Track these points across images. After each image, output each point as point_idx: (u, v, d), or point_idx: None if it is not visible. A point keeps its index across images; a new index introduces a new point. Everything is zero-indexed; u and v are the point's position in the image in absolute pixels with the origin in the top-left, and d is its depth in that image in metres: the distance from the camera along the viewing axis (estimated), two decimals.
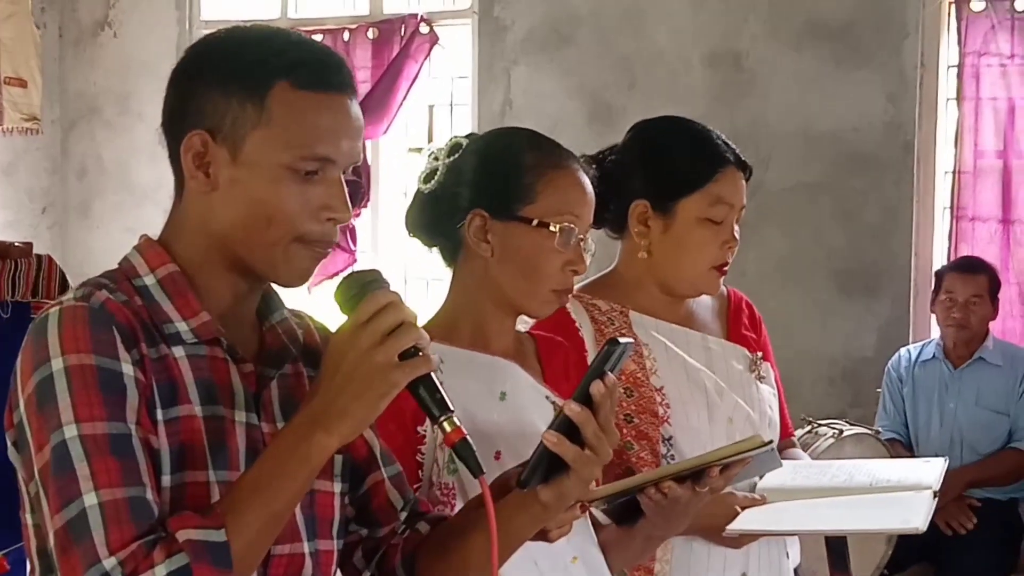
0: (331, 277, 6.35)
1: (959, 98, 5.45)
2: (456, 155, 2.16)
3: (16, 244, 4.32)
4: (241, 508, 1.51)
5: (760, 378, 2.64)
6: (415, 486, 1.98)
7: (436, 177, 2.17)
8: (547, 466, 1.70)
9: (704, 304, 2.67)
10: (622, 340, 1.71)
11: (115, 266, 1.68)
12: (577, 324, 2.52)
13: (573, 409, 1.67)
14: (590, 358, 2.47)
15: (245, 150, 1.60)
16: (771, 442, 2.22)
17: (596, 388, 1.67)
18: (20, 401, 1.54)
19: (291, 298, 1.79)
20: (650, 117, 2.65)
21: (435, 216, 2.18)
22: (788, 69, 5.66)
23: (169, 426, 1.57)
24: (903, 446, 5.11)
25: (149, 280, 1.63)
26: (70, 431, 1.48)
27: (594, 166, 2.58)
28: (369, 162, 6.42)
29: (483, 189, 2.12)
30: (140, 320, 1.58)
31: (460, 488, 2.04)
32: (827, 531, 2.41)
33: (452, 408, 1.59)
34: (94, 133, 7.05)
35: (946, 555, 4.89)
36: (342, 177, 1.64)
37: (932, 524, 4.88)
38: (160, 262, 1.64)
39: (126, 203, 6.92)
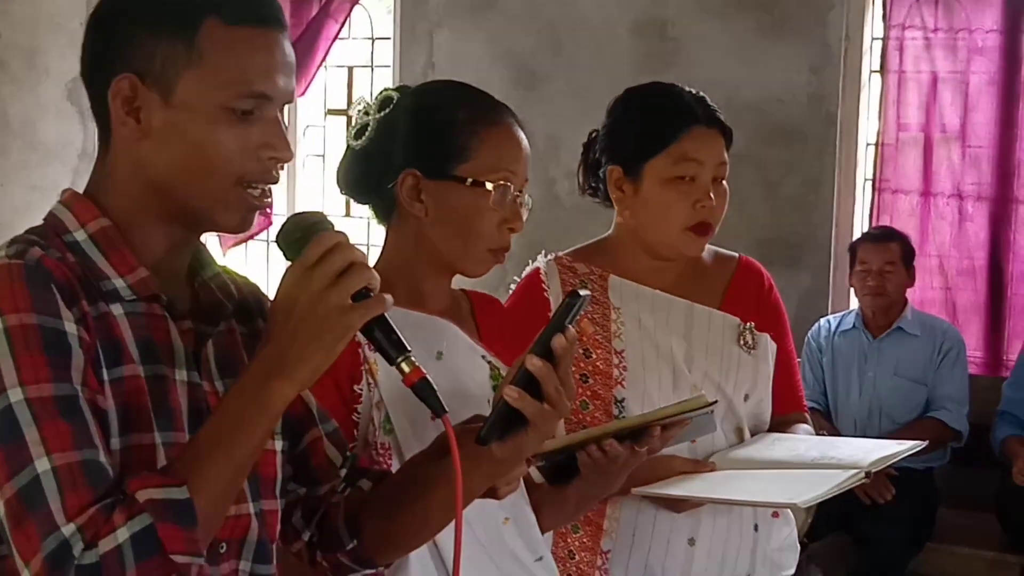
0: (246, 240, 6.24)
1: (883, 71, 5.50)
2: (387, 110, 2.09)
3: None
4: (202, 464, 1.45)
5: (748, 349, 2.60)
6: (351, 445, 1.91)
7: (367, 133, 2.10)
8: (505, 422, 1.65)
9: (702, 269, 2.65)
10: (582, 292, 1.67)
11: (39, 223, 1.58)
12: (545, 285, 2.55)
13: (535, 363, 1.61)
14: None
15: (177, 92, 1.53)
16: (714, 403, 2.22)
17: (558, 342, 1.62)
18: None
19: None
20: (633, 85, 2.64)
21: (367, 174, 2.11)
22: (713, 39, 5.66)
23: (114, 386, 1.50)
24: (822, 415, 5.15)
25: (80, 235, 1.55)
26: (15, 395, 1.41)
27: (595, 140, 2.59)
28: (287, 124, 6.30)
29: (415, 148, 2.06)
30: (77, 277, 1.50)
31: (396, 448, 2.00)
32: (713, 500, 2.41)
33: (409, 348, 1.53)
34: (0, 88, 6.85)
35: (864, 525, 4.94)
36: (279, 115, 1.57)
37: (850, 494, 4.96)
38: (90, 216, 1.56)
39: (31, 161, 6.73)
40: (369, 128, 2.09)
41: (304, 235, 1.48)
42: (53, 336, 1.43)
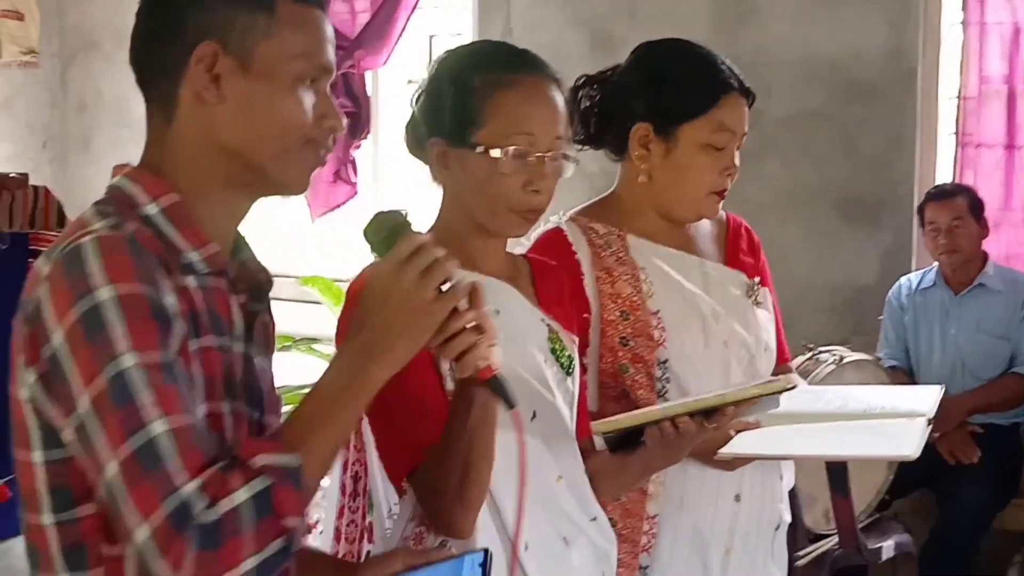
0: (333, 208, 6.34)
1: (964, 23, 5.39)
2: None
3: (13, 175, 4.32)
4: (307, 437, 1.55)
5: (757, 303, 2.63)
6: (446, 394, 2.01)
7: (416, 97, 2.17)
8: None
9: (703, 229, 2.66)
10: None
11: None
12: (574, 248, 2.53)
13: None
14: (586, 282, 2.48)
15: (255, 61, 1.60)
16: (794, 387, 2.25)
17: None
18: (54, 333, 1.47)
19: (296, 227, 1.78)
20: (653, 40, 2.62)
21: (414, 140, 2.18)
22: None
23: (196, 356, 1.55)
24: (905, 373, 5.11)
25: (152, 209, 1.60)
26: (129, 359, 1.44)
27: (596, 86, 2.57)
28: (369, 93, 6.38)
29: (438, 116, 2.11)
30: (157, 251, 1.55)
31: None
32: (821, 456, 2.43)
33: None
34: (92, 67, 7.01)
35: (947, 481, 4.90)
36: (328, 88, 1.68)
37: (933, 451, 4.93)
38: (161, 190, 1.61)
39: (123, 137, 6.88)
40: (418, 92, 2.17)
41: (390, 235, 1.63)
42: (158, 306, 1.49)
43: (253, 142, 1.61)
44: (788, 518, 2.71)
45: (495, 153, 2.05)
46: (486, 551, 1.72)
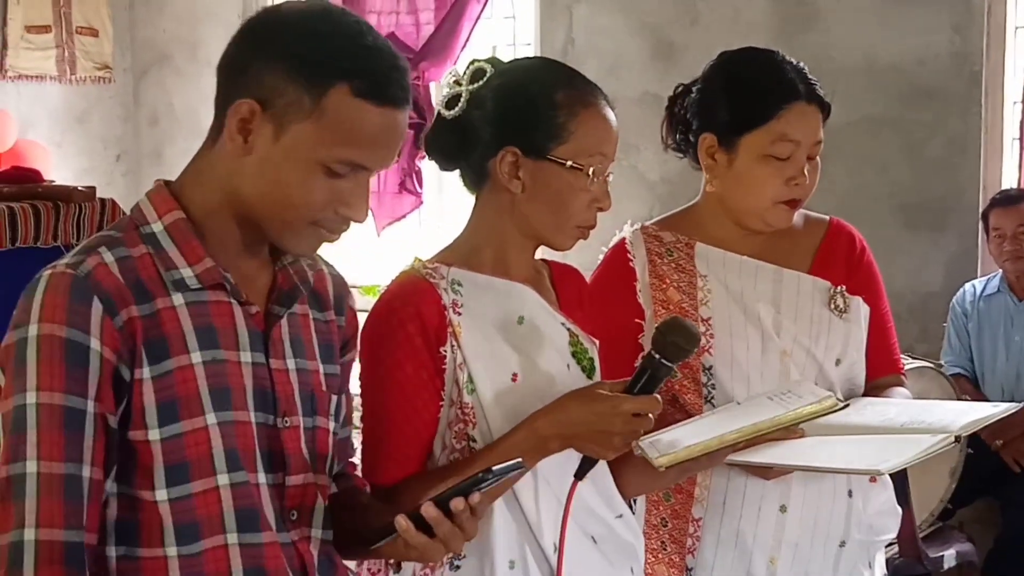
0: (399, 219, 6.40)
1: None
2: (480, 82, 2.16)
3: (80, 188, 4.40)
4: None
5: (840, 313, 2.59)
6: (438, 404, 2.08)
7: (459, 104, 2.16)
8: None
9: (792, 235, 2.62)
10: (496, 468, 1.76)
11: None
12: (631, 255, 2.56)
13: (429, 513, 1.72)
14: (638, 287, 2.52)
15: (288, 134, 1.66)
16: (846, 405, 2.27)
17: (455, 503, 1.72)
18: (4, 343, 1.66)
19: (358, 237, 1.85)
20: (731, 49, 2.62)
21: (457, 143, 2.18)
22: (852, 1, 5.58)
23: (157, 381, 1.66)
24: (968, 381, 5.07)
25: (157, 227, 1.71)
26: (31, 397, 1.61)
27: (686, 96, 2.59)
28: (434, 104, 6.42)
29: (514, 126, 2.13)
30: (136, 277, 1.66)
31: (479, 407, 2.09)
32: (797, 467, 2.40)
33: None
34: (164, 81, 7.13)
35: (1011, 489, 4.85)
36: (370, 180, 1.73)
37: (998, 459, 4.86)
38: (167, 209, 1.73)
39: (195, 148, 6.94)
40: (461, 99, 2.16)
41: (682, 350, 2.02)
42: (76, 349, 1.62)
43: (259, 201, 1.70)
44: (877, 538, 2.64)
45: (585, 169, 2.11)
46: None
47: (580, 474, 2.06)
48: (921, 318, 5.50)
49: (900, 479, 4.19)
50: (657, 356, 2.03)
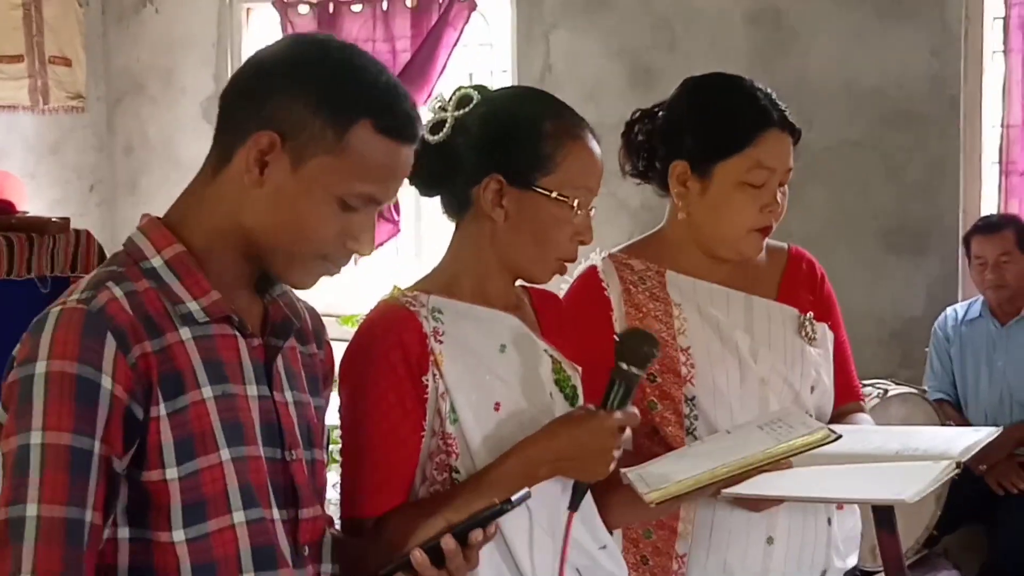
0: (376, 247, 6.35)
1: (1006, 50, 5.34)
2: (466, 108, 2.13)
3: (54, 219, 4.35)
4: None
5: (809, 339, 2.57)
6: (420, 435, 2.05)
7: (444, 129, 2.13)
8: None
9: (757, 262, 2.60)
10: (515, 498, 1.76)
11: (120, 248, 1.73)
12: (604, 284, 2.51)
13: (448, 545, 1.72)
14: (615, 316, 2.48)
15: (308, 167, 1.66)
16: (839, 437, 2.24)
17: (475, 535, 1.73)
18: (7, 380, 1.60)
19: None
20: (699, 74, 2.58)
21: (440, 169, 2.14)
22: (830, 25, 5.58)
23: (174, 418, 1.63)
24: (951, 406, 5.05)
25: (157, 262, 1.68)
26: (36, 437, 1.55)
27: (647, 121, 2.55)
28: None
29: (500, 154, 2.10)
30: (145, 312, 1.63)
31: (461, 438, 2.06)
32: (812, 498, 2.37)
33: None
34: (139, 109, 7.08)
35: (997, 514, 4.83)
36: (375, 214, 1.73)
37: (982, 484, 4.85)
38: (166, 243, 1.69)
39: (172, 178, 6.94)
40: (446, 125, 2.13)
41: (647, 354, 2.05)
42: (87, 387, 1.57)
43: (269, 234, 1.69)
44: (843, 564, 2.62)
45: (570, 201, 2.09)
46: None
47: (574, 505, 2.05)
48: (903, 343, 5.49)
49: (886, 506, 4.15)
50: (626, 367, 2.04)
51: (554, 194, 2.08)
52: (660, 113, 2.54)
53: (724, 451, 2.26)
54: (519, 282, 2.25)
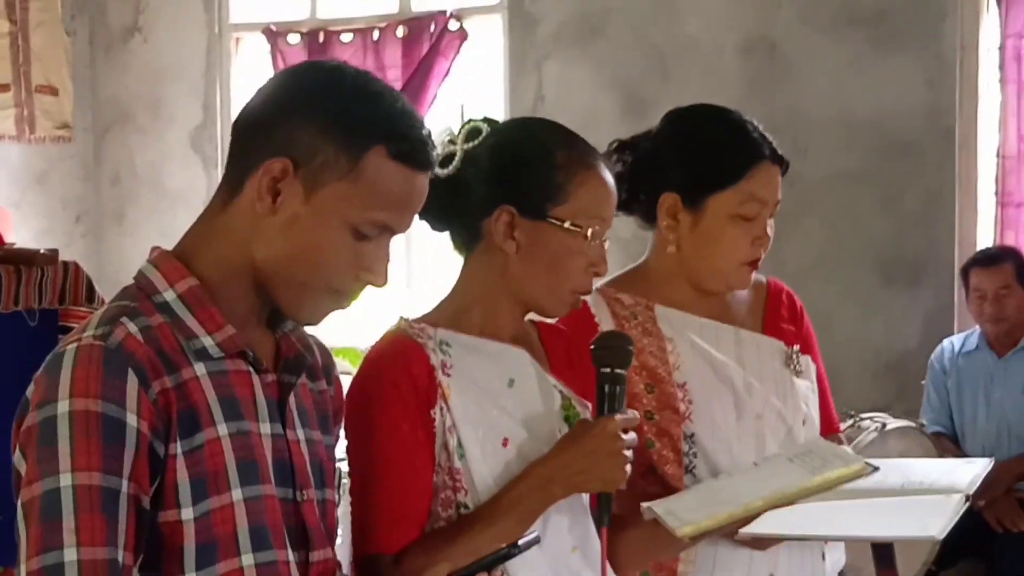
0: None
1: (1002, 80, 5.33)
2: (475, 141, 2.11)
3: (42, 251, 4.28)
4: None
5: (797, 373, 2.54)
6: (432, 467, 2.02)
7: (453, 162, 2.10)
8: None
9: (740, 296, 2.58)
10: (521, 542, 1.77)
11: (130, 282, 1.68)
12: (596, 319, 2.46)
13: None
14: None
15: (321, 194, 1.63)
16: (876, 469, 2.23)
17: None
18: (24, 425, 1.55)
19: None
20: (685, 106, 2.55)
21: (450, 203, 2.11)
22: (824, 56, 5.56)
23: (190, 457, 1.59)
24: (949, 439, 5.00)
25: (169, 296, 1.64)
26: (65, 479, 1.49)
27: (627, 151, 2.51)
28: None
29: (511, 185, 2.08)
30: (159, 348, 1.59)
31: (467, 474, 2.03)
32: (843, 537, 2.34)
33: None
34: (126, 139, 7.03)
35: (996, 549, 4.78)
36: (389, 244, 1.69)
37: (980, 519, 4.81)
38: (179, 276, 1.65)
39: (160, 208, 6.90)
40: (456, 157, 2.11)
41: (625, 351, 2.04)
42: (113, 425, 1.52)
43: (281, 264, 1.65)
44: None
45: (584, 230, 2.06)
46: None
47: (604, 519, 2.02)
48: (899, 375, 5.45)
49: (887, 546, 4.11)
50: (609, 370, 2.03)
51: (567, 224, 2.06)
52: (641, 144, 2.51)
53: (756, 484, 2.23)
54: (528, 316, 2.21)
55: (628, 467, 2.03)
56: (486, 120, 2.15)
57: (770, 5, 5.66)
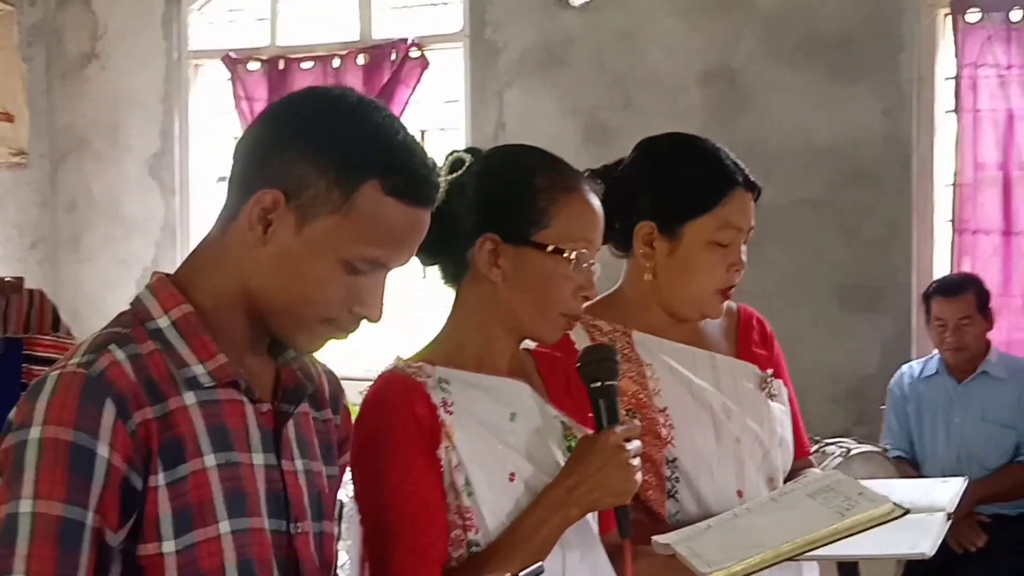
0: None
1: (957, 110, 5.41)
2: (458, 171, 2.10)
3: (8, 279, 4.24)
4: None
5: (771, 396, 2.57)
6: (445, 507, 2.00)
7: (439, 195, 2.10)
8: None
9: (713, 322, 2.60)
10: (523, 573, 1.73)
11: (127, 307, 1.66)
12: (577, 346, 2.46)
13: None
14: None
15: (312, 227, 1.59)
16: (907, 512, 2.22)
17: None
18: (2, 446, 1.54)
19: None
20: (656, 134, 2.57)
21: (437, 235, 2.05)
22: (784, 85, 5.63)
23: (172, 488, 1.55)
24: (909, 464, 5.04)
25: (163, 322, 1.62)
26: (25, 506, 1.48)
27: (598, 181, 2.53)
28: None
29: (494, 212, 2.07)
30: (147, 376, 1.56)
31: (477, 512, 2.01)
32: (835, 556, 2.35)
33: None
34: (83, 166, 6.98)
35: (958, 572, 4.81)
36: (386, 279, 1.66)
37: (943, 542, 4.85)
38: (174, 303, 1.63)
39: (117, 235, 6.85)
40: (440, 189, 2.10)
41: (611, 362, 2.06)
42: (83, 455, 1.50)
43: (273, 295, 1.62)
44: None
45: (569, 254, 2.05)
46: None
47: (626, 531, 2.04)
48: (858, 401, 5.51)
49: (851, 565, 4.15)
50: (600, 384, 2.05)
51: (550, 247, 2.04)
52: (613, 174, 2.52)
53: (781, 523, 2.23)
54: (524, 345, 2.21)
55: (639, 476, 2.03)
56: (469, 151, 2.14)
57: (731, 35, 5.72)
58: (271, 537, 1.63)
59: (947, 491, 2.47)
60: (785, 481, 2.57)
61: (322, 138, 1.60)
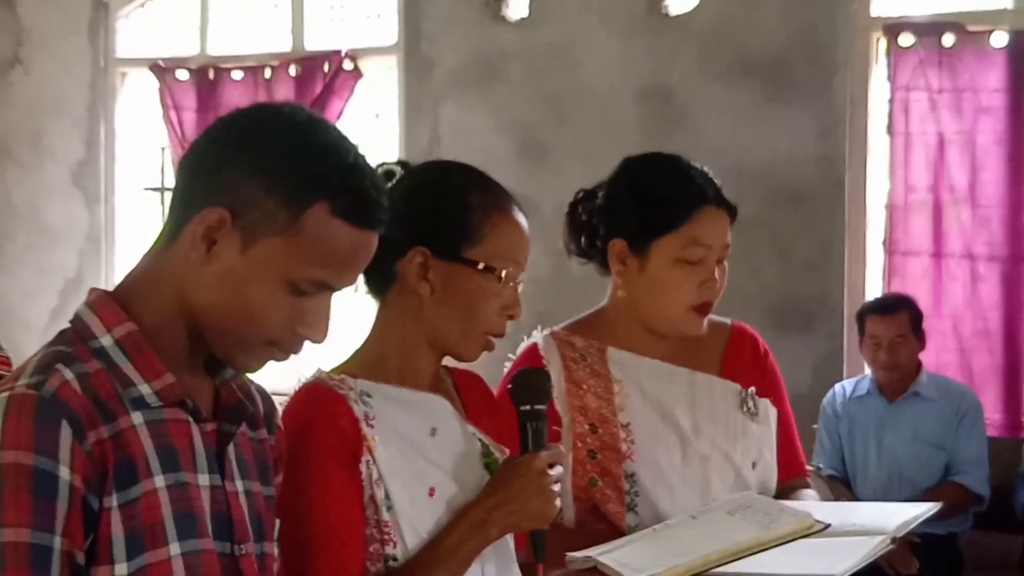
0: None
1: (890, 133, 5.47)
2: (389, 183, 2.06)
3: None
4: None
5: (751, 415, 2.56)
6: (364, 522, 1.98)
7: None
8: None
9: (698, 339, 2.58)
10: None
11: (66, 325, 1.61)
12: (545, 361, 2.50)
13: None
14: (556, 394, 2.43)
15: (257, 248, 1.56)
16: (828, 526, 2.26)
17: None
18: None
19: None
20: (638, 153, 2.60)
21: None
22: (719, 105, 5.65)
23: (125, 510, 1.52)
24: (842, 483, 5.07)
25: (106, 341, 1.57)
26: None
27: (589, 201, 2.55)
28: None
29: (425, 226, 2.06)
30: (96, 396, 1.51)
31: (396, 526, 1.99)
32: (749, 574, 2.35)
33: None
34: (4, 173, 6.85)
35: None
36: (331, 300, 1.63)
37: (873, 565, 4.87)
38: (116, 320, 1.58)
39: (39, 245, 6.72)
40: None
41: (541, 387, 2.09)
42: (45, 479, 1.45)
43: (215, 315, 1.59)
44: None
45: (499, 272, 2.04)
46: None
47: (540, 555, 2.04)
48: None
49: None
50: (528, 407, 2.06)
51: (481, 265, 2.04)
52: (598, 193, 2.56)
53: (708, 536, 2.24)
54: (444, 362, 2.19)
55: (558, 501, 2.04)
56: (400, 163, 2.13)
57: (666, 54, 5.74)
58: (218, 559, 1.60)
59: (905, 515, 2.47)
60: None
61: (271, 157, 1.56)
